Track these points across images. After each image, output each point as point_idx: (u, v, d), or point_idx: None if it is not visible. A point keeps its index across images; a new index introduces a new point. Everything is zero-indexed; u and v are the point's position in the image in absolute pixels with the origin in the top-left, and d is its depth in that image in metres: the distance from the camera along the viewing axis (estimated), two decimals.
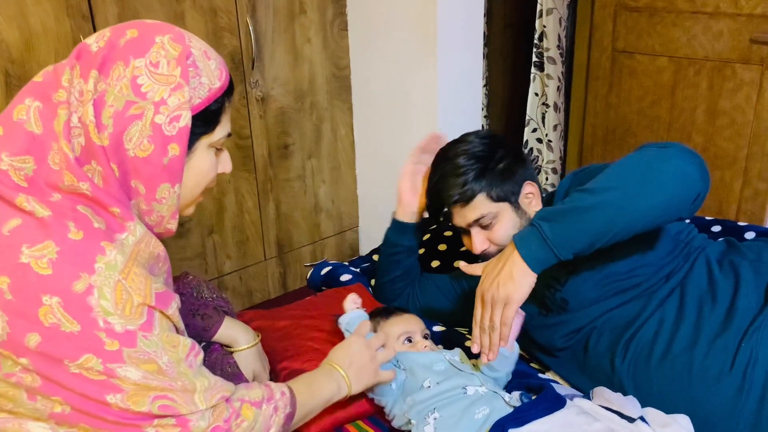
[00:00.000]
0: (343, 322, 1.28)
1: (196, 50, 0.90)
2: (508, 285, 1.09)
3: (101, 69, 0.84)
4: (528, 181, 1.35)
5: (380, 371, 1.16)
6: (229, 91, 0.95)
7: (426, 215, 1.50)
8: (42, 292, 0.79)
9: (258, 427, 0.97)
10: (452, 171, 1.31)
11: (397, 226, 1.51)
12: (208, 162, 0.95)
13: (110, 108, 0.84)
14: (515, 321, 1.13)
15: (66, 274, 0.79)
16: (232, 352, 1.23)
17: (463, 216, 1.32)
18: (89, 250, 0.81)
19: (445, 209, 1.34)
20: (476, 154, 1.32)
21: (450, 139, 1.43)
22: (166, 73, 0.85)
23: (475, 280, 1.38)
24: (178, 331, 0.94)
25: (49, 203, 0.83)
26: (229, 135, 0.98)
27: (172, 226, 0.95)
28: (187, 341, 0.91)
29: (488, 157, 1.32)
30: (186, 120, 0.87)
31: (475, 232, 1.32)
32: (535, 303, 1.34)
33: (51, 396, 0.83)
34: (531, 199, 1.35)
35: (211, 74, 0.90)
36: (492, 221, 1.30)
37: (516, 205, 1.32)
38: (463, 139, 1.37)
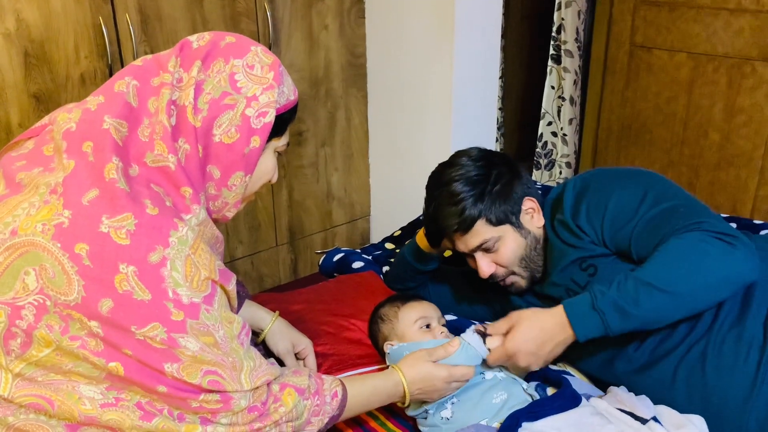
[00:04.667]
0: (393, 350, 1.25)
1: (282, 65, 1.01)
2: (546, 361, 1.17)
3: (204, 61, 0.94)
4: (527, 197, 1.32)
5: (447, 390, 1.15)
6: (296, 107, 1.04)
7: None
8: (119, 260, 0.84)
9: (297, 419, 1.00)
10: (448, 199, 1.28)
11: (419, 253, 1.47)
12: (272, 163, 1.04)
13: (207, 95, 0.93)
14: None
15: (143, 245, 0.85)
16: (258, 342, 1.25)
17: (464, 243, 1.29)
18: (164, 225, 0.87)
19: (445, 237, 1.32)
20: (471, 179, 1.28)
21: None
22: (260, 75, 0.96)
23: (488, 281, 1.37)
24: (232, 308, 0.99)
25: (128, 176, 0.88)
26: (288, 145, 1.07)
27: (231, 214, 1.02)
28: (240, 320, 0.97)
29: (483, 180, 1.28)
30: (271, 117, 0.96)
31: (480, 256, 1.30)
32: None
33: (109, 363, 0.87)
34: (531, 214, 1.33)
35: (289, 87, 1.01)
36: (495, 244, 1.28)
37: (517, 225, 1.30)
38: (455, 162, 1.33)
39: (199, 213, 0.93)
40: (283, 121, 1.00)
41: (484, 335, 1.16)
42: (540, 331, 1.14)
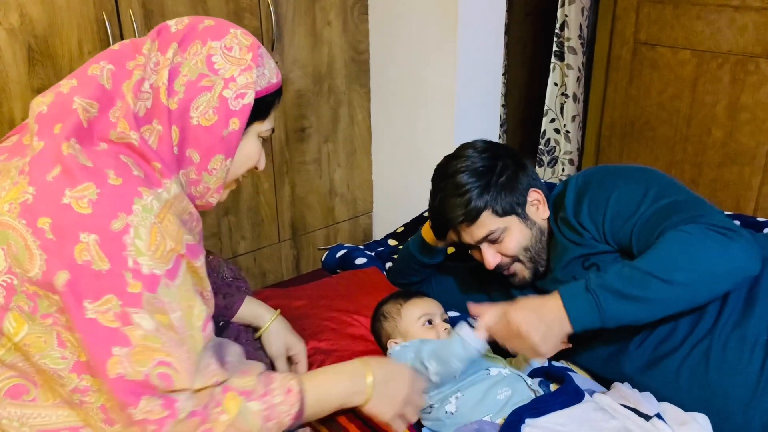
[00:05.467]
0: (395, 351, 1.24)
1: (262, 48, 0.99)
2: (547, 350, 1.11)
3: (180, 44, 0.93)
4: (532, 189, 1.32)
5: (403, 419, 1.09)
6: (280, 91, 1.03)
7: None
8: (81, 229, 0.82)
9: (243, 428, 0.92)
10: (454, 190, 1.28)
11: (425, 246, 1.47)
12: (256, 147, 1.02)
13: (184, 77, 0.92)
14: None
15: (105, 212, 0.83)
16: (257, 337, 1.24)
17: (470, 234, 1.29)
18: (128, 192, 0.85)
19: (450, 229, 1.31)
20: (477, 170, 1.28)
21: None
22: (238, 56, 0.94)
23: (491, 277, 1.37)
24: (204, 290, 0.95)
25: (93, 152, 0.87)
26: (273, 131, 1.05)
27: (214, 200, 1.00)
28: (203, 308, 0.92)
29: (489, 172, 1.29)
30: (250, 99, 0.94)
31: (485, 247, 1.30)
32: None
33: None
34: (537, 205, 1.33)
35: (271, 71, 1.00)
36: (501, 235, 1.28)
37: (523, 216, 1.30)
38: (461, 154, 1.33)
39: (171, 187, 0.91)
40: (265, 105, 0.99)
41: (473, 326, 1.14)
42: (538, 306, 1.11)
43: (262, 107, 0.98)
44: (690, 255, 1.08)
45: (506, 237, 1.29)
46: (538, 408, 1.06)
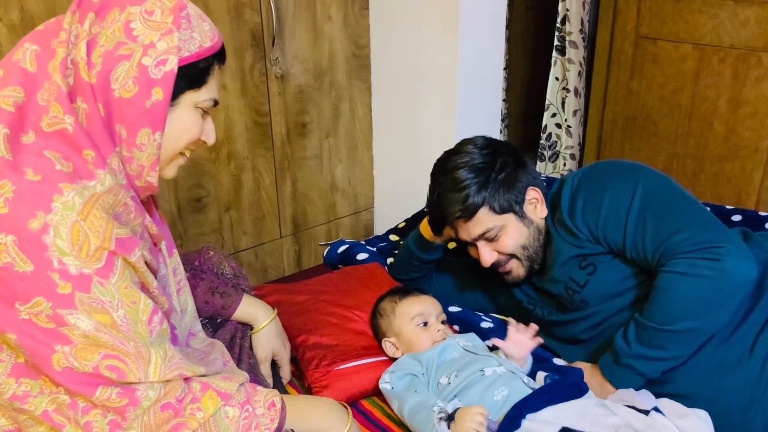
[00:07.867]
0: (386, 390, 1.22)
1: (191, 9, 0.91)
2: None
3: (98, 13, 0.86)
4: (531, 187, 1.32)
5: None
6: (220, 56, 0.95)
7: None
8: None
9: (218, 429, 0.90)
10: (452, 185, 1.28)
11: (423, 242, 1.47)
12: (191, 118, 0.94)
13: (101, 48, 0.85)
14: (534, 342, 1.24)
15: (22, 212, 0.79)
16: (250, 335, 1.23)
17: (467, 231, 1.29)
18: (46, 190, 0.81)
19: (448, 225, 1.31)
20: (476, 166, 1.28)
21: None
22: (159, 20, 0.86)
23: (491, 273, 1.37)
24: (149, 285, 0.91)
25: (17, 145, 0.83)
26: (216, 103, 0.97)
27: (153, 179, 0.93)
28: (148, 302, 0.88)
29: (488, 168, 1.28)
30: (172, 65, 0.86)
31: (482, 245, 1.30)
32: (553, 305, 1.34)
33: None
34: (535, 204, 1.33)
35: (203, 33, 0.91)
36: (498, 233, 1.28)
37: (521, 214, 1.30)
38: (461, 150, 1.33)
39: (105, 179, 0.86)
40: (198, 71, 0.91)
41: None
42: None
43: (193, 74, 0.90)
44: (691, 298, 1.11)
45: (503, 235, 1.29)
46: (538, 402, 1.06)
